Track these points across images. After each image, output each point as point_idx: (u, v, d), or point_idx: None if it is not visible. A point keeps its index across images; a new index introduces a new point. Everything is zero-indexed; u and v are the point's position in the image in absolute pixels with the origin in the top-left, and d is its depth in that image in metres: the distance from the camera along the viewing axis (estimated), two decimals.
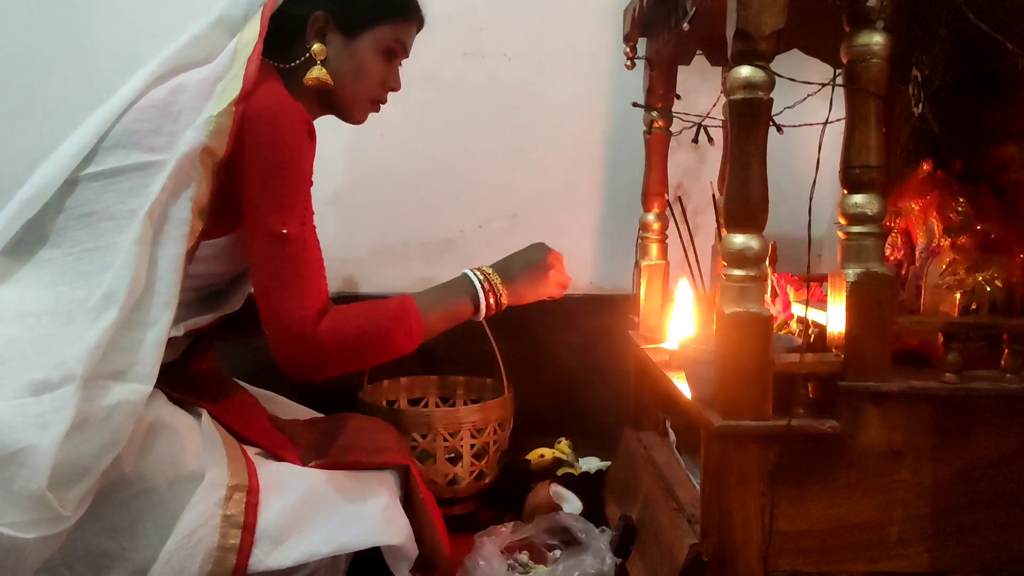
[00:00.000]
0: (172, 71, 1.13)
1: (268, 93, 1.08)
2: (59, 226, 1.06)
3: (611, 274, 1.97)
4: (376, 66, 1.22)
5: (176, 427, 1.05)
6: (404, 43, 1.25)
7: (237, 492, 1.03)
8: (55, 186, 1.07)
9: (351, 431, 1.26)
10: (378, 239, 1.98)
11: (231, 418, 1.16)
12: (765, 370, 0.99)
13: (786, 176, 1.26)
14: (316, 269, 1.11)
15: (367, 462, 1.18)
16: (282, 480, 1.09)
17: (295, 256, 1.08)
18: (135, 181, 1.06)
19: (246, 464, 1.07)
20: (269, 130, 1.06)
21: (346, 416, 1.36)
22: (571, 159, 1.97)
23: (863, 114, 1.01)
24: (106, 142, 1.08)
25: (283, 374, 1.11)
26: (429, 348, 1.96)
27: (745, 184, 0.99)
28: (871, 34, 0.99)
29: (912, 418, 1.03)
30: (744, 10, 0.95)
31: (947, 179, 1.25)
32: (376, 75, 1.23)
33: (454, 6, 1.92)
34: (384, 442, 1.25)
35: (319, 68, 1.17)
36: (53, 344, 0.97)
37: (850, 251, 1.01)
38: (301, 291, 1.07)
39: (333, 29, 1.18)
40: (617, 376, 1.73)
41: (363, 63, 1.20)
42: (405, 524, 1.14)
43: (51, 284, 1.04)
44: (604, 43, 1.91)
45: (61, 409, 0.91)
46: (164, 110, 1.09)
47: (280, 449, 1.16)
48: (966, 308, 1.12)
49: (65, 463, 0.91)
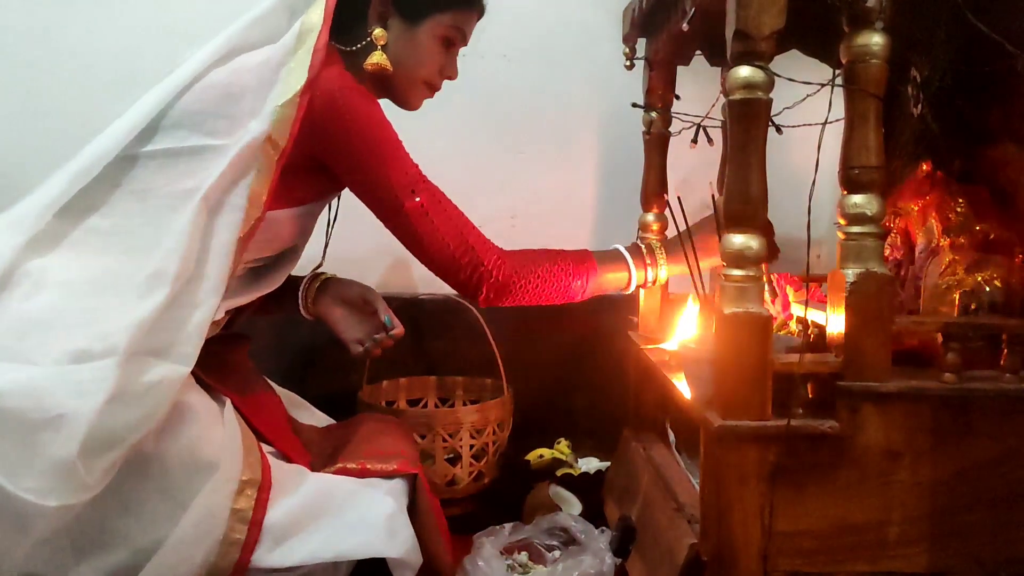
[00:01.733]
0: (233, 52, 1.13)
1: (334, 78, 1.09)
2: (113, 198, 1.07)
3: None
4: (435, 53, 1.23)
5: (200, 413, 1.05)
6: (464, 31, 1.26)
7: (249, 487, 1.02)
8: (108, 159, 1.06)
9: (362, 437, 1.26)
10: (378, 239, 1.95)
11: (253, 413, 1.16)
12: (764, 370, 0.99)
13: (785, 176, 1.26)
14: (462, 216, 1.20)
15: (375, 470, 1.17)
16: (291, 480, 1.09)
17: (443, 215, 1.16)
18: (193, 163, 1.06)
19: (261, 460, 1.07)
20: (350, 116, 1.09)
21: (360, 420, 1.37)
22: (570, 159, 1.97)
23: (862, 114, 1.01)
24: (166, 120, 1.08)
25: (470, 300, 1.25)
26: (428, 348, 1.97)
27: (744, 184, 0.99)
28: (870, 34, 0.99)
29: (911, 418, 1.03)
30: (743, 11, 0.95)
31: (946, 179, 1.25)
32: (435, 62, 1.24)
33: None
34: (394, 448, 1.24)
35: (379, 54, 1.18)
36: (98, 315, 0.97)
37: (849, 251, 1.02)
38: (467, 241, 1.18)
39: (394, 14, 1.20)
40: (616, 376, 1.73)
41: (423, 50, 1.22)
42: (409, 535, 1.13)
43: (99, 253, 1.04)
44: (603, 44, 1.91)
45: (102, 380, 0.92)
46: (226, 91, 1.09)
47: (293, 452, 1.16)
48: (965, 308, 1.13)
49: (99, 432, 0.91)
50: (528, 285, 1.23)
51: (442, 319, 1.92)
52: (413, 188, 1.14)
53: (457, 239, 1.17)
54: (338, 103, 1.08)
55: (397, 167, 1.13)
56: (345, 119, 1.09)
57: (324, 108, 1.08)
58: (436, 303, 1.90)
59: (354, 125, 1.10)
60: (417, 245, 1.18)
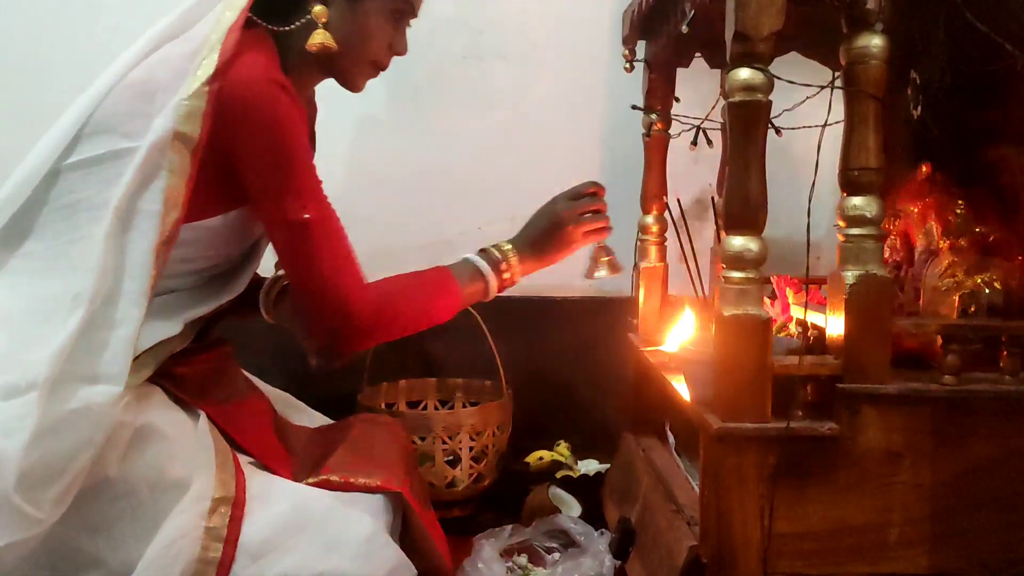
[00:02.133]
0: (160, 44, 1.07)
1: (245, 68, 1.01)
2: (43, 218, 1.03)
3: (610, 276, 1.96)
4: (383, 29, 1.15)
5: (166, 433, 1.02)
6: (413, 5, 1.18)
7: (223, 505, 1.00)
8: (38, 177, 1.03)
9: (351, 444, 1.22)
10: (377, 241, 1.97)
11: (232, 424, 1.13)
12: (764, 372, 0.99)
13: (785, 178, 1.27)
14: (346, 244, 1.10)
15: (359, 485, 1.14)
16: (270, 493, 1.06)
17: (325, 237, 1.07)
18: (113, 169, 1.01)
19: (235, 475, 1.05)
20: (255, 113, 1.01)
21: (353, 423, 1.32)
22: (570, 161, 1.97)
23: (862, 116, 1.01)
24: (87, 128, 1.03)
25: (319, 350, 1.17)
26: (428, 350, 1.97)
27: (744, 186, 0.99)
28: (870, 36, 0.99)
29: (911, 420, 1.03)
30: (742, 12, 0.95)
31: (946, 181, 1.25)
32: (382, 38, 1.16)
33: (453, 10, 1.92)
34: (383, 459, 1.21)
35: (322, 32, 1.09)
36: (28, 345, 0.95)
37: (849, 253, 1.02)
38: (339, 271, 1.07)
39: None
40: (616, 378, 1.73)
41: (369, 25, 1.13)
42: (389, 556, 1.09)
43: (34, 279, 1.01)
44: (603, 46, 1.91)
45: (25, 416, 0.89)
46: (141, 90, 1.03)
47: (275, 462, 1.13)
48: (965, 310, 1.13)
49: (33, 467, 0.89)
50: (391, 326, 1.14)
51: None
52: (305, 202, 1.04)
53: (331, 270, 1.07)
54: (250, 96, 1.00)
55: (296, 176, 1.04)
56: (254, 114, 1.01)
57: (235, 100, 1.00)
58: None
59: (263, 121, 1.01)
60: (291, 261, 1.07)
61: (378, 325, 1.11)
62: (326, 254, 1.06)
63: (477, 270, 1.25)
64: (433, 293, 1.19)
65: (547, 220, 1.30)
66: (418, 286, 1.18)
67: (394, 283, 1.16)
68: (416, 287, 1.18)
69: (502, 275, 1.26)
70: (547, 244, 1.29)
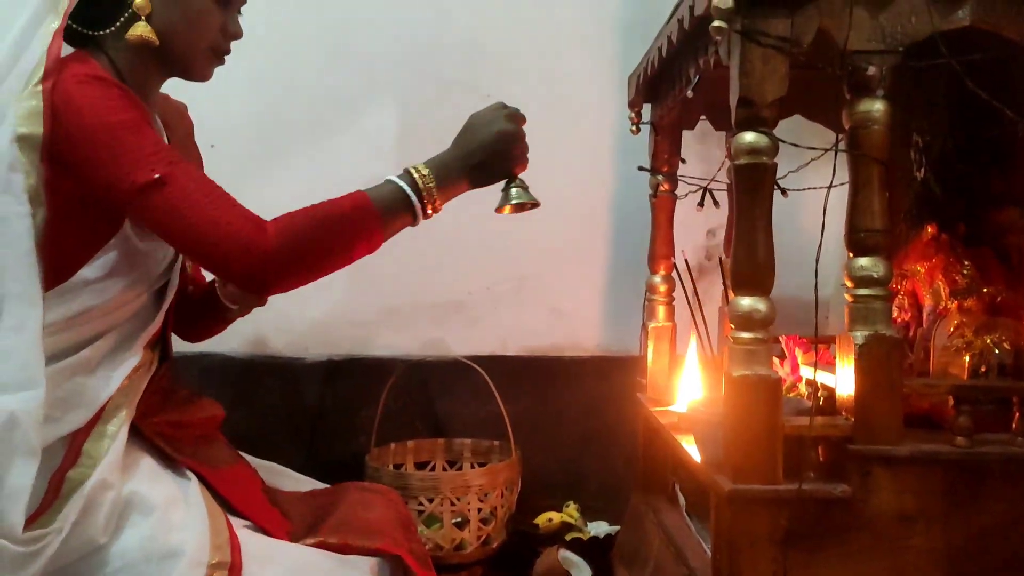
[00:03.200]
0: (5, 75, 1.04)
1: (69, 67, 1.01)
2: None
3: (619, 336, 1.97)
4: (209, 12, 1.11)
5: (154, 502, 1.02)
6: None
7: (219, 571, 0.99)
8: None
9: (347, 508, 1.21)
10: (386, 301, 1.99)
11: (226, 487, 1.12)
12: (774, 433, 0.99)
13: (792, 237, 1.28)
14: (214, 187, 1.02)
15: (356, 547, 1.12)
16: (269, 554, 1.05)
17: (187, 188, 0.99)
18: None
19: (230, 539, 1.04)
20: (74, 106, 0.99)
21: (347, 488, 1.30)
22: (578, 222, 1.99)
23: (866, 179, 1.02)
24: None
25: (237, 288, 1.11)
26: (435, 409, 1.97)
27: (751, 247, 1.00)
28: (872, 102, 1.01)
29: (923, 482, 1.02)
30: (746, 79, 0.97)
31: (952, 242, 1.26)
32: (212, 23, 1.12)
33: (461, 73, 1.96)
34: (379, 523, 1.18)
35: (142, 24, 1.06)
36: None
37: (857, 314, 1.02)
38: (219, 209, 1.00)
39: None
40: (625, 438, 1.72)
41: (194, 10, 1.09)
42: None
43: None
44: (609, 108, 1.95)
45: None
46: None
47: (271, 524, 1.12)
48: (975, 371, 1.12)
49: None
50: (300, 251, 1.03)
51: (449, 380, 1.92)
52: (150, 164, 0.98)
53: (207, 215, 0.99)
54: (71, 90, 0.99)
55: (128, 146, 0.99)
56: (74, 107, 0.99)
57: (63, 97, 0.99)
58: (443, 365, 1.90)
59: (82, 110, 0.99)
60: (163, 229, 1.00)
61: (283, 249, 1.00)
62: (197, 202, 0.99)
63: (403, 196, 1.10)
64: (348, 219, 1.06)
65: (495, 132, 1.14)
66: (327, 211, 1.06)
67: (297, 212, 1.05)
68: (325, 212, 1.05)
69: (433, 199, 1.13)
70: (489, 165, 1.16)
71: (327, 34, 1.97)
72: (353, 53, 1.98)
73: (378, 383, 1.84)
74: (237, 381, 1.91)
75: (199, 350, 1.76)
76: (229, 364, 1.91)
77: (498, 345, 1.98)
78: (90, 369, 1.04)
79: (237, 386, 1.91)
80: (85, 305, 1.03)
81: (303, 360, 1.96)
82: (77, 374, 1.03)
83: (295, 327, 1.96)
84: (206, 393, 1.26)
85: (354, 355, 1.96)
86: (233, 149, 1.14)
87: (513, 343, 1.98)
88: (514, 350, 1.98)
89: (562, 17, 1.96)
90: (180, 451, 1.11)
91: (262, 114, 1.93)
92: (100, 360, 1.06)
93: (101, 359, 1.06)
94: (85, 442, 1.01)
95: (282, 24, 1.92)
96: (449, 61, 1.98)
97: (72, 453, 1.00)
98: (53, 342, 1.00)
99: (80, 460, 1.00)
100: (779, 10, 0.97)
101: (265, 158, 1.95)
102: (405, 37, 1.97)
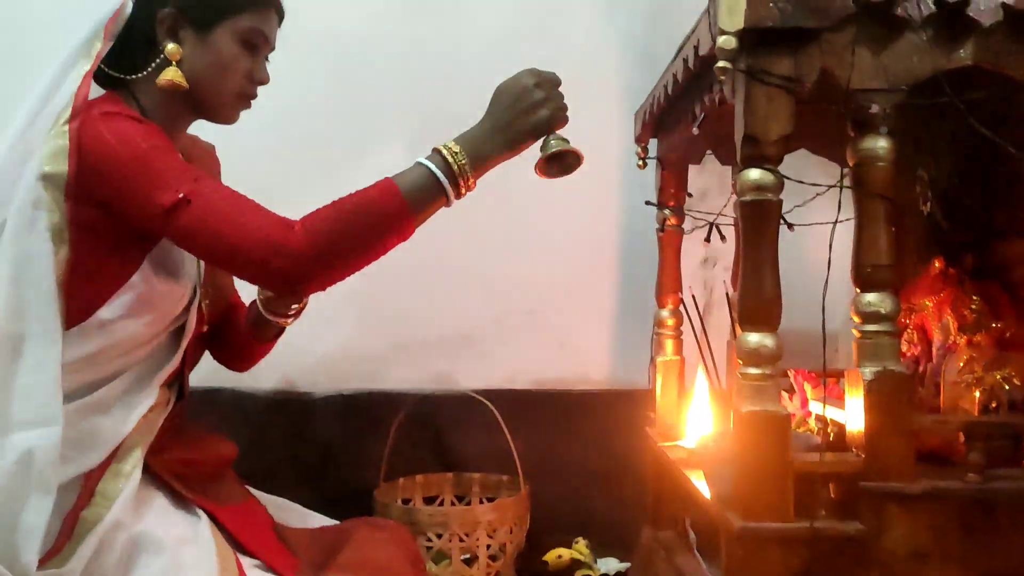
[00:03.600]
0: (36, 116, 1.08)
1: (98, 107, 1.03)
2: None
3: (627, 370, 1.97)
4: (237, 58, 1.13)
5: (165, 542, 1.02)
6: (264, 33, 1.16)
7: None
8: None
9: (356, 546, 1.20)
10: (395, 335, 1.99)
11: (235, 524, 1.13)
12: (785, 470, 0.98)
13: (799, 271, 1.27)
14: (241, 197, 1.03)
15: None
16: None
17: (212, 202, 1.01)
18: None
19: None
20: (103, 142, 1.01)
21: (356, 525, 1.30)
22: (586, 256, 2.00)
23: (872, 214, 1.03)
24: None
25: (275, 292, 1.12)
26: (444, 444, 1.96)
27: (758, 283, 1.01)
28: (875, 139, 1.01)
29: (937, 519, 1.01)
30: (751, 117, 0.98)
31: (959, 276, 1.26)
32: (240, 68, 1.14)
33: (470, 108, 1.97)
34: (388, 561, 1.18)
35: (173, 69, 1.09)
36: None
37: (866, 349, 1.02)
38: (247, 216, 1.01)
39: (185, 25, 1.11)
40: (635, 473, 1.71)
41: (223, 56, 1.12)
42: None
43: None
44: (616, 144, 1.96)
45: None
46: (21, 158, 1.04)
47: (280, 563, 1.12)
48: (986, 406, 1.12)
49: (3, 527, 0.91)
50: (333, 248, 1.02)
51: (458, 414, 1.92)
52: (175, 186, 1.00)
53: (236, 224, 1.00)
54: (101, 128, 1.01)
55: (156, 170, 1.01)
56: (103, 142, 1.01)
57: (90, 135, 1.01)
58: (452, 399, 1.90)
59: (112, 144, 1.01)
60: (198, 246, 1.02)
61: (314, 246, 1.01)
62: (224, 213, 1.01)
63: (432, 178, 1.07)
64: (376, 208, 1.05)
65: (519, 93, 1.13)
66: (356, 203, 1.05)
67: (325, 207, 1.05)
68: (353, 204, 1.05)
69: (466, 176, 1.10)
70: (520, 124, 1.14)
71: (336, 73, 1.99)
72: (362, 90, 2.00)
73: (387, 417, 1.84)
74: (247, 416, 1.91)
75: (210, 385, 1.77)
76: (239, 399, 1.91)
77: (507, 379, 1.97)
78: (106, 409, 1.05)
79: (247, 421, 1.91)
80: (101, 345, 1.04)
81: (312, 395, 1.96)
82: (92, 414, 1.03)
83: (305, 361, 1.96)
84: (216, 428, 1.27)
85: (363, 389, 1.96)
86: (244, 187, 1.17)
87: (522, 377, 1.98)
88: (523, 384, 1.97)
89: (569, 54, 1.98)
90: (191, 488, 1.11)
91: (272, 151, 1.95)
92: (116, 400, 1.06)
93: (117, 399, 1.06)
94: (99, 482, 1.02)
95: (291, 63, 1.94)
96: (458, 97, 1.99)
97: (86, 492, 1.01)
98: (69, 381, 1.00)
99: (94, 500, 1.00)
100: (782, 50, 0.98)
101: (275, 194, 1.96)
102: (414, 74, 2.00)
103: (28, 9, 1.97)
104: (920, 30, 0.99)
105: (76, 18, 1.09)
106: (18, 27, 1.96)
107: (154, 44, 1.11)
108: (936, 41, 0.99)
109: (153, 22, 1.10)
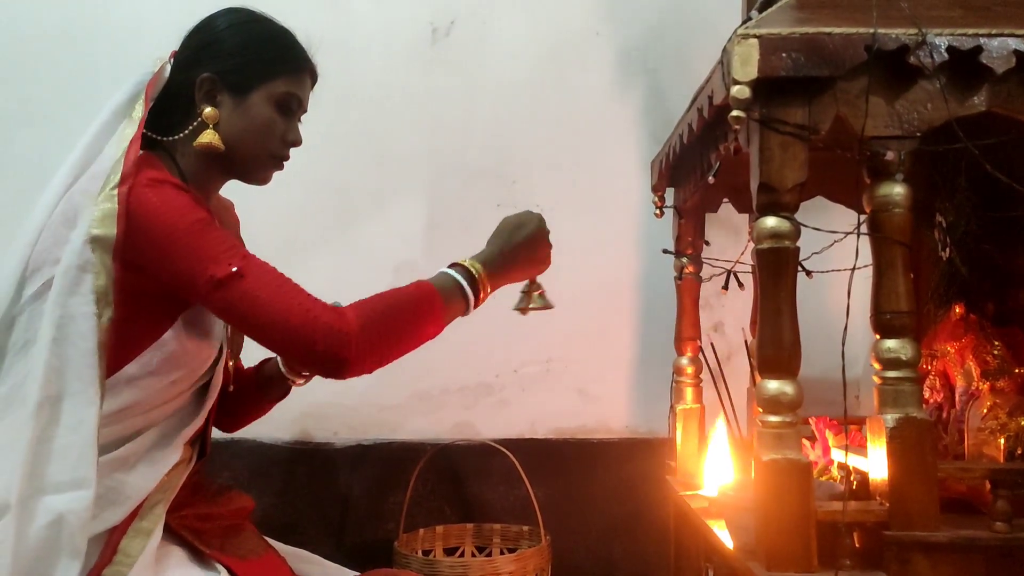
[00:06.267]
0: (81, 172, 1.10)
1: (146, 177, 1.05)
2: (6, 365, 1.06)
3: (647, 418, 1.96)
4: (273, 121, 1.17)
5: None
6: (299, 96, 1.20)
7: None
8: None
9: None
10: (414, 385, 2.00)
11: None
12: (807, 519, 0.97)
13: (818, 318, 1.28)
14: (287, 280, 1.06)
15: None
16: None
17: (263, 279, 1.03)
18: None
19: None
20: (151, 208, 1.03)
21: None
22: (605, 304, 2.00)
23: (890, 261, 1.02)
24: (28, 270, 1.07)
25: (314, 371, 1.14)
26: (464, 494, 1.95)
27: (777, 331, 1.00)
28: (891, 185, 1.02)
29: (963, 569, 0.99)
30: (766, 165, 0.99)
31: (980, 322, 1.25)
32: (274, 131, 1.17)
33: (488, 162, 2.01)
34: None
35: (210, 132, 1.12)
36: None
37: (887, 396, 1.01)
38: (298, 297, 1.03)
39: (222, 90, 1.14)
40: (655, 522, 1.69)
41: (259, 120, 1.15)
42: None
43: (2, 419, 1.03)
44: (633, 193, 1.98)
45: (2, 542, 0.92)
46: (63, 219, 1.06)
47: None
48: (1011, 453, 1.10)
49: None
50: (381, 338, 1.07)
51: (477, 465, 1.91)
52: (227, 259, 1.02)
53: (286, 303, 1.03)
54: (148, 195, 1.03)
55: (204, 244, 1.03)
56: (151, 209, 1.03)
57: (139, 200, 1.03)
58: (471, 449, 1.90)
59: (157, 212, 1.03)
60: (244, 320, 1.04)
61: (365, 331, 1.04)
62: (275, 290, 1.03)
63: (458, 286, 1.16)
64: (417, 304, 1.11)
65: (528, 235, 1.24)
66: (398, 297, 1.11)
67: (370, 298, 1.10)
68: (396, 298, 1.11)
69: (484, 291, 1.20)
70: (525, 260, 1.26)
71: (356, 128, 2.03)
72: (382, 146, 2.04)
73: (407, 468, 1.84)
74: (266, 467, 1.91)
75: (229, 437, 1.78)
76: (258, 450, 1.92)
77: (526, 428, 1.97)
78: (129, 466, 1.05)
79: (266, 472, 1.91)
80: (127, 402, 1.05)
81: (332, 445, 1.96)
82: (116, 471, 1.04)
83: (324, 412, 1.97)
84: (236, 479, 1.27)
85: (383, 440, 1.96)
86: (266, 240, 1.19)
87: (541, 425, 1.97)
88: (543, 433, 1.97)
89: (585, 105, 2.01)
90: (208, 544, 1.11)
91: (295, 205, 1.98)
92: (140, 457, 1.07)
93: (141, 456, 1.07)
94: (122, 540, 1.02)
95: (314, 114, 1.99)
96: (475, 151, 2.03)
97: (108, 550, 1.01)
98: None
99: (116, 558, 1.00)
100: (796, 99, 1.00)
101: (298, 248, 2.00)
102: (432, 130, 2.03)
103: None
104: (933, 77, 0.99)
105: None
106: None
107: (192, 106, 1.13)
108: (950, 88, 1.00)
109: (192, 86, 1.13)
